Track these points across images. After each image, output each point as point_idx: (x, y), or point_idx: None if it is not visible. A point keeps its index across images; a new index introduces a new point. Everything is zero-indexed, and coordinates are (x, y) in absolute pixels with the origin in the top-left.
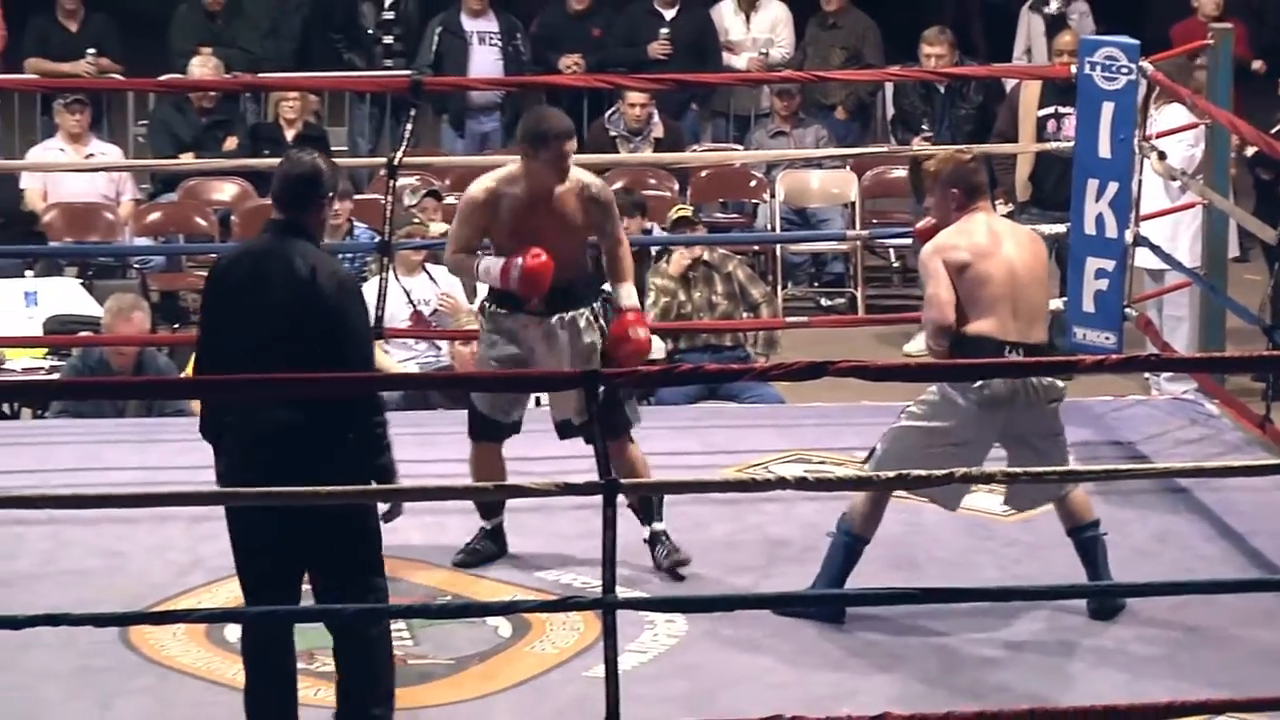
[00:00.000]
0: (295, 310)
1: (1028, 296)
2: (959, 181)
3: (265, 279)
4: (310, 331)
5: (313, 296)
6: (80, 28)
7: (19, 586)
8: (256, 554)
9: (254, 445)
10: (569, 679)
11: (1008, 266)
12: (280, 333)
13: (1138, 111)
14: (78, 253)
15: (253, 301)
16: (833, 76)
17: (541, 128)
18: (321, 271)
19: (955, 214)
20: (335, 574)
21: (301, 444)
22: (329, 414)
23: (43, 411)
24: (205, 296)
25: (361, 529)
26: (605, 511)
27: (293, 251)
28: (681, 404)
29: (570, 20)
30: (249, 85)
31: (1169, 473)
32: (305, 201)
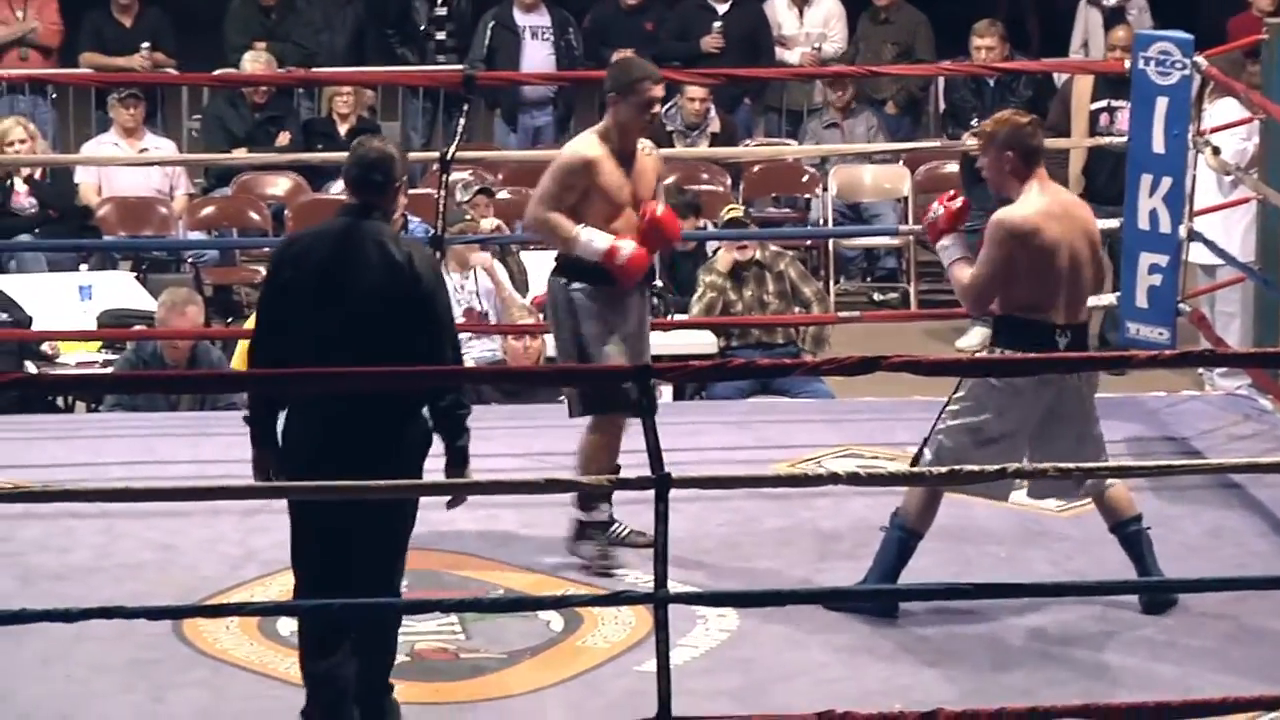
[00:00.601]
0: (392, 290)
1: (1081, 276)
2: (1015, 144)
3: (360, 260)
4: (405, 311)
5: (411, 278)
6: (135, 22)
7: (73, 580)
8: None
9: (332, 420)
10: (620, 673)
11: (1069, 249)
12: (374, 312)
13: (1191, 106)
14: (132, 247)
15: (350, 279)
16: (885, 71)
17: (632, 73)
18: (418, 258)
19: (1010, 178)
20: (371, 550)
21: (379, 422)
22: (410, 399)
23: (97, 405)
24: (276, 275)
25: (406, 514)
26: (657, 506)
27: (383, 236)
28: (734, 399)
29: (623, 14)
30: (303, 80)
31: (1222, 468)
32: (379, 187)
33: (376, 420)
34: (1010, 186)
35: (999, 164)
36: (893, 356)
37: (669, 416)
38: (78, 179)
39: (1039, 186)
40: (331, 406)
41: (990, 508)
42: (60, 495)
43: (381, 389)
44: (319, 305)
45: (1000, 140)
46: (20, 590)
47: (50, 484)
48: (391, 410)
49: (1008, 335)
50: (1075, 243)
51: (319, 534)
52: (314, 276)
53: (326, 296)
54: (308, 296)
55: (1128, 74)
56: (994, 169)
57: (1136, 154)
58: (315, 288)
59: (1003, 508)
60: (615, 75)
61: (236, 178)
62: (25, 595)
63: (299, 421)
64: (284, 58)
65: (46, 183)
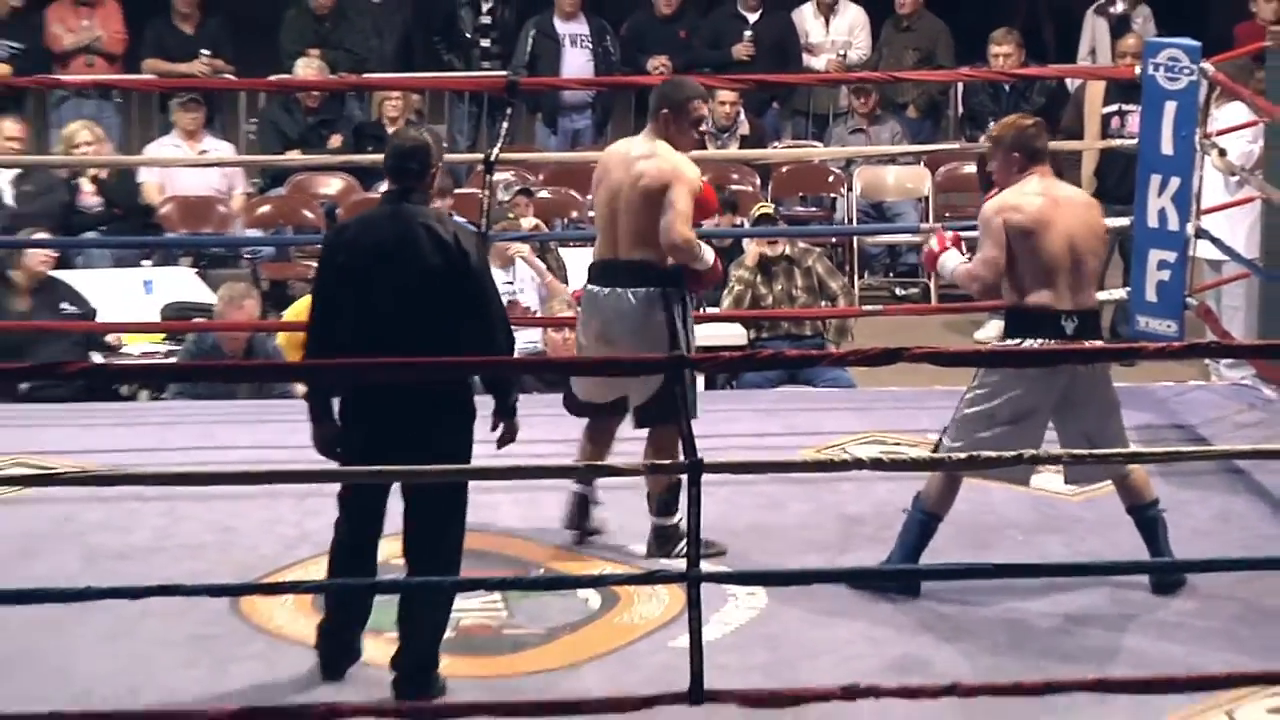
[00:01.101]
0: (442, 267)
1: (1084, 263)
2: (1021, 145)
3: (409, 241)
4: (456, 286)
5: (459, 254)
6: (195, 30)
7: (137, 559)
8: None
9: (387, 392)
10: (655, 649)
11: (1066, 234)
12: (426, 288)
13: (1199, 110)
14: (192, 243)
15: (400, 260)
16: (906, 77)
17: (685, 91)
18: (463, 237)
19: (1016, 177)
20: (429, 515)
21: (430, 392)
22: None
23: (160, 393)
24: (330, 260)
25: (459, 447)
26: (690, 490)
27: (427, 218)
28: (763, 388)
29: (658, 23)
30: (354, 85)
31: (1229, 455)
32: (416, 174)
33: (427, 391)
34: (1014, 183)
35: (1007, 165)
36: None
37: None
38: (141, 179)
39: (1038, 178)
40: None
41: (1008, 491)
42: (124, 479)
43: (429, 379)
44: (373, 285)
45: (1007, 143)
46: (86, 569)
47: (115, 468)
48: (441, 381)
49: (1015, 325)
50: (1074, 231)
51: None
52: (367, 258)
53: (380, 276)
54: (361, 277)
55: (1138, 79)
56: (1002, 170)
57: (1146, 155)
58: (368, 268)
59: (1020, 492)
60: (669, 94)
61: (291, 178)
62: (90, 574)
63: (356, 395)
64: (336, 64)
65: (112, 183)
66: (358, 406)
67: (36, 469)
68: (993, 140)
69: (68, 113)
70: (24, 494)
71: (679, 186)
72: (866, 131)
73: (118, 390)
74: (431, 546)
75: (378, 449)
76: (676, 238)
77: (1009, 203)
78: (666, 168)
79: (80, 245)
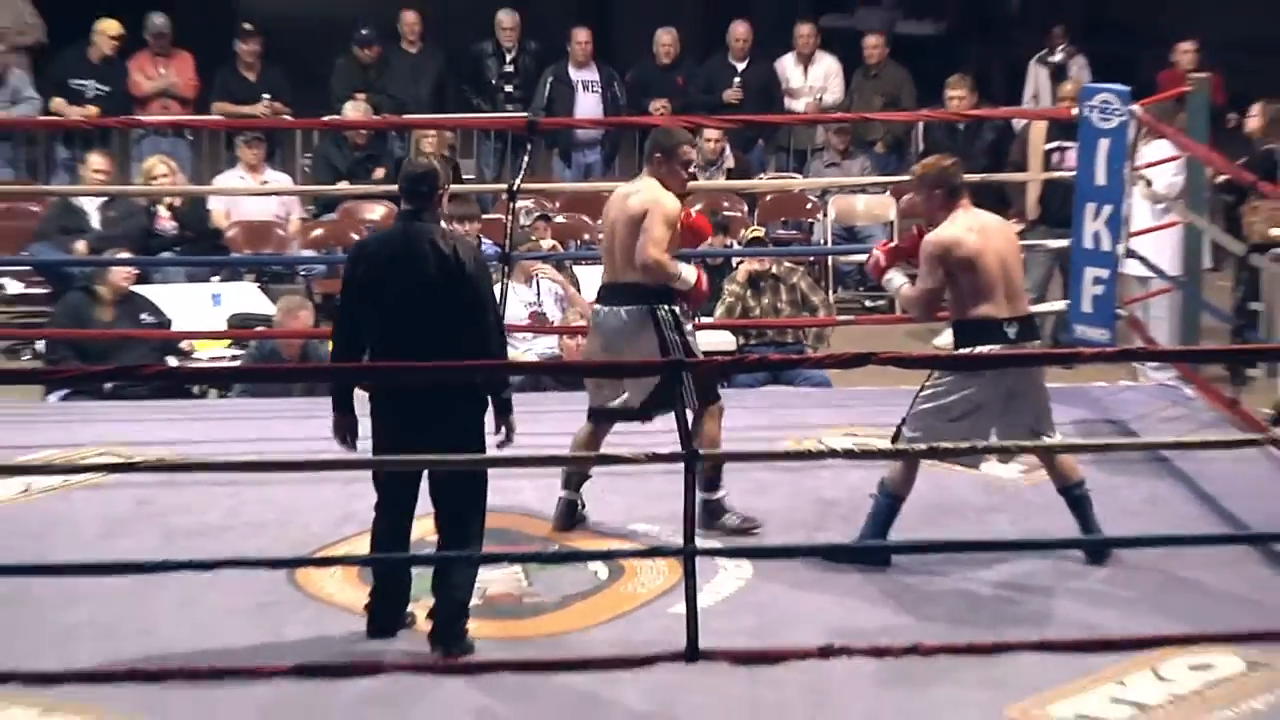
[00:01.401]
0: (444, 275)
1: (1014, 277)
2: (942, 182)
3: (417, 254)
4: (455, 290)
5: (459, 266)
6: (258, 78)
7: (207, 536)
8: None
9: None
10: (655, 614)
11: (998, 255)
12: (433, 295)
13: (1128, 146)
14: (255, 262)
15: (410, 270)
16: (874, 117)
17: (675, 138)
18: (461, 246)
19: (939, 210)
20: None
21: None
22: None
23: (226, 392)
24: (352, 271)
25: (471, 435)
26: (686, 476)
27: (433, 233)
28: (751, 387)
29: (659, 70)
30: (395, 125)
31: (1155, 446)
32: (425, 195)
33: (443, 385)
34: (939, 217)
35: (931, 199)
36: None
37: None
38: (210, 206)
39: (962, 212)
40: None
41: (963, 476)
42: (196, 467)
43: (443, 380)
44: (386, 290)
45: (930, 180)
46: (163, 545)
47: (187, 457)
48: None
49: (964, 335)
50: (1002, 249)
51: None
52: (381, 267)
53: (391, 282)
54: (377, 283)
55: (1076, 120)
56: (926, 203)
57: (1082, 185)
58: (383, 278)
59: (973, 476)
60: (661, 140)
61: (341, 205)
62: (167, 549)
63: (383, 390)
64: (380, 106)
65: (185, 209)
66: (384, 401)
67: (120, 458)
68: (917, 178)
69: (147, 148)
70: (109, 480)
71: (654, 214)
72: (840, 165)
73: (190, 389)
74: (459, 519)
75: (404, 436)
76: (646, 258)
77: (949, 241)
78: (648, 198)
79: (157, 264)
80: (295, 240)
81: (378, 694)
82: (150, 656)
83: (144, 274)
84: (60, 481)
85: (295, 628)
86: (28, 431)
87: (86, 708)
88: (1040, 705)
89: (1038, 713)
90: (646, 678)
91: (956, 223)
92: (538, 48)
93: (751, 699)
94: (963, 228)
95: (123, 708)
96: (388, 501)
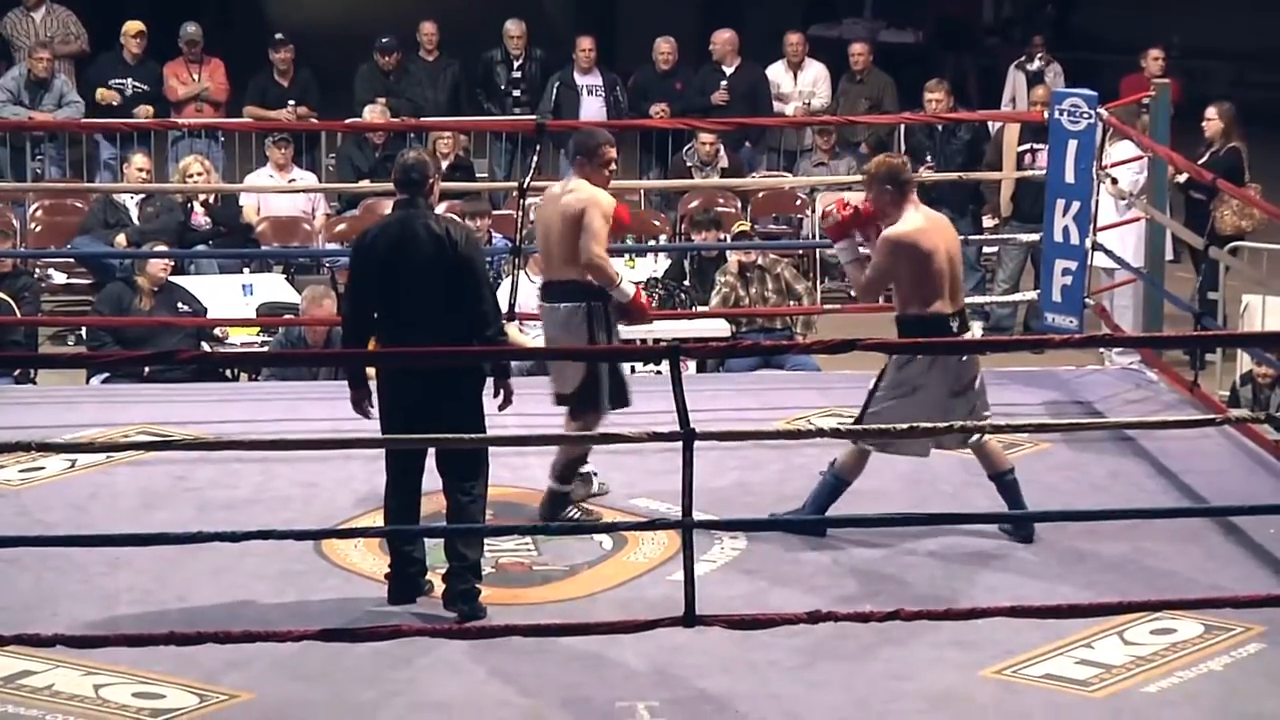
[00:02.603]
0: (439, 257)
1: (957, 273)
2: (891, 179)
3: (413, 238)
4: (449, 268)
5: (451, 246)
6: (289, 83)
7: (238, 509)
8: (398, 421)
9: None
10: (656, 582)
11: (946, 252)
12: (431, 273)
13: (1095, 147)
14: (283, 255)
15: (408, 253)
16: (859, 120)
17: (597, 139)
18: (453, 230)
19: (891, 206)
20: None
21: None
22: (463, 334)
23: (256, 375)
24: (356, 257)
25: (473, 406)
26: (685, 453)
27: (427, 218)
28: (743, 371)
29: (659, 76)
30: (413, 127)
31: (1119, 425)
32: (419, 183)
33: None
34: (890, 212)
35: (881, 195)
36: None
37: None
38: (242, 202)
39: (913, 209)
40: (410, 345)
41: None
42: (228, 445)
43: (446, 365)
44: (388, 271)
45: (881, 177)
46: (198, 517)
47: (220, 436)
48: (452, 344)
49: (915, 331)
50: (949, 248)
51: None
52: (384, 252)
53: (393, 266)
54: (380, 267)
55: (1046, 123)
56: (877, 199)
57: (1053, 184)
58: (384, 259)
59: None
60: (583, 142)
61: (363, 202)
62: (201, 521)
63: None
64: (398, 110)
65: (218, 206)
66: (389, 378)
67: (157, 436)
68: (868, 175)
69: (183, 149)
70: (147, 457)
71: (593, 211)
72: (827, 164)
73: (222, 373)
74: (464, 486)
75: (409, 412)
76: (591, 256)
77: (906, 237)
78: (585, 197)
79: (192, 256)
80: (320, 234)
81: (396, 654)
82: (187, 620)
83: (180, 266)
84: (103, 458)
85: (320, 595)
86: (72, 412)
87: (128, 669)
88: (1013, 666)
89: (1011, 673)
90: (647, 640)
91: (912, 219)
92: (544, 55)
93: (745, 660)
94: (919, 224)
95: (161, 669)
96: (396, 474)
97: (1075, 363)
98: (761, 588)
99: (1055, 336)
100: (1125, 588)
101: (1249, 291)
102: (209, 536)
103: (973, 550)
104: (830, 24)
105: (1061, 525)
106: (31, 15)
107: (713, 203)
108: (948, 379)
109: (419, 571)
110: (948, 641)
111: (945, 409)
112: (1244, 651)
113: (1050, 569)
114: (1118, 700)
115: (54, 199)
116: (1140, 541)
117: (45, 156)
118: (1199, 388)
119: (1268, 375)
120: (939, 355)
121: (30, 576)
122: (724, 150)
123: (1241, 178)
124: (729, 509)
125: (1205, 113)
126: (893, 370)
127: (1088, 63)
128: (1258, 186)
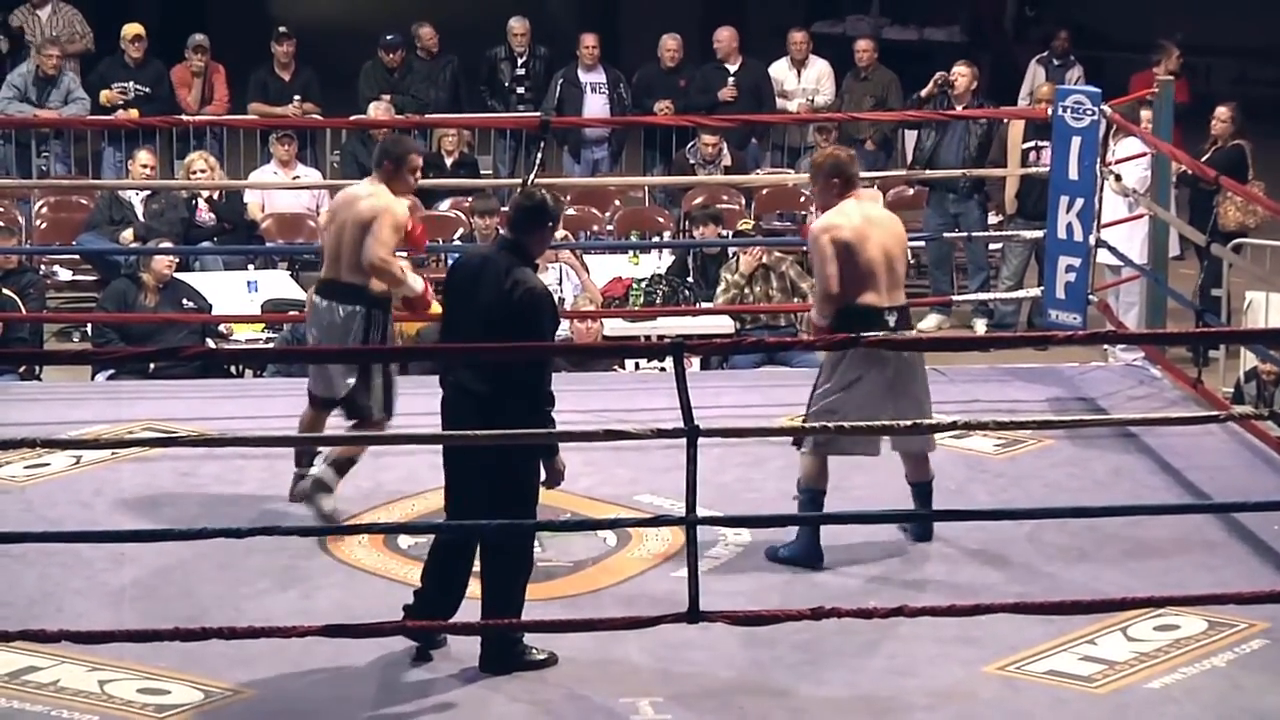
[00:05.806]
0: (493, 309)
1: (896, 269)
2: (839, 173)
3: (480, 281)
4: (505, 320)
5: (506, 303)
6: (291, 79)
7: (243, 505)
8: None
9: (459, 395)
10: (660, 578)
11: (881, 245)
12: (486, 320)
13: (1099, 144)
14: (287, 251)
15: (471, 294)
16: (863, 117)
17: (404, 147)
18: (518, 287)
19: (835, 200)
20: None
21: (488, 399)
22: (508, 383)
23: (261, 371)
24: (446, 281)
25: (524, 473)
26: (689, 449)
27: (504, 265)
28: (747, 368)
29: (662, 73)
30: (417, 124)
31: (1123, 422)
32: (529, 226)
33: (485, 389)
34: (833, 205)
35: (828, 188)
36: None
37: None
38: (246, 199)
39: (852, 201)
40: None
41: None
42: (233, 441)
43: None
44: (461, 308)
45: (827, 170)
46: (203, 513)
47: (225, 432)
48: (496, 383)
49: (845, 322)
50: (885, 241)
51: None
52: (458, 286)
53: (464, 303)
54: (455, 300)
55: (1050, 120)
56: (823, 192)
57: (1056, 180)
58: (458, 295)
59: (954, 452)
60: (390, 149)
61: None
62: (207, 517)
63: (446, 385)
64: (403, 107)
65: (222, 202)
66: (446, 394)
67: (162, 433)
68: (814, 166)
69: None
70: (152, 454)
71: (384, 218)
72: None
73: (227, 369)
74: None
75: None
76: (373, 258)
77: (832, 224)
78: (379, 204)
79: (197, 253)
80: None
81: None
82: (191, 616)
83: (185, 262)
84: (108, 455)
85: (325, 591)
86: (77, 408)
87: (132, 664)
88: (1017, 662)
89: (1014, 669)
90: (651, 636)
91: (839, 210)
92: (548, 52)
93: (748, 656)
94: (844, 214)
95: (166, 664)
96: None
97: (1079, 359)
98: (765, 584)
99: (1059, 333)
100: (1128, 584)
101: (1252, 288)
102: (214, 533)
103: (976, 547)
104: (833, 21)
105: (1064, 521)
106: (37, 13)
107: (716, 199)
108: (886, 369)
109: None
110: (951, 638)
111: (885, 400)
112: (1247, 648)
113: (1053, 565)
114: (1121, 696)
115: (59, 195)
116: (1143, 538)
117: (51, 153)
118: (1203, 384)
119: (1272, 372)
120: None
121: (35, 572)
122: (727, 148)
123: (1245, 174)
124: (733, 505)
125: (1215, 112)
126: (828, 368)
127: (1094, 60)
128: (1261, 183)
